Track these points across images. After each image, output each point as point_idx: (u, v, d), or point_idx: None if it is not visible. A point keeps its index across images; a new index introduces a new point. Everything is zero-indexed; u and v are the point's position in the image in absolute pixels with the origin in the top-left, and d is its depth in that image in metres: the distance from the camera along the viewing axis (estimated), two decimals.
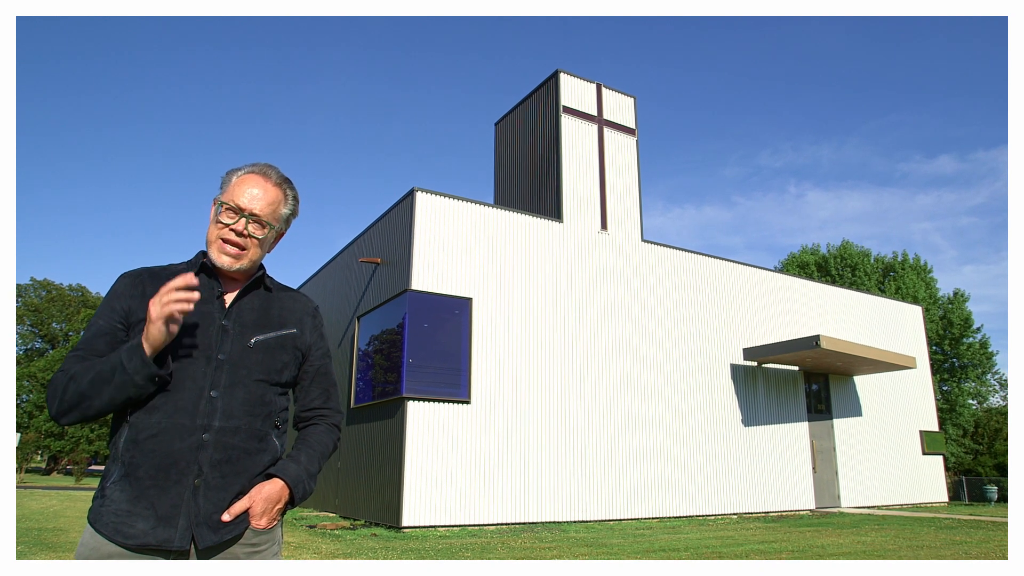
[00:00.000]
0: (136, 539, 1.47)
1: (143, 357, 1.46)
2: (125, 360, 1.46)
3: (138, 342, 1.47)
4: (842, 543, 8.10)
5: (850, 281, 33.43)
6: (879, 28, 69.95)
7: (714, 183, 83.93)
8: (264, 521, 1.60)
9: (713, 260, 13.78)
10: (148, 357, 1.47)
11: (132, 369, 1.46)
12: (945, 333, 33.55)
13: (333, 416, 1.84)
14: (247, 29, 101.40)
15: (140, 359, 1.46)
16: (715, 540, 8.42)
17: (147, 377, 1.47)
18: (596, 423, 11.20)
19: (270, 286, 1.79)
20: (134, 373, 1.46)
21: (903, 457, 15.88)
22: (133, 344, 1.48)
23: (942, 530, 9.89)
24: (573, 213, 12.03)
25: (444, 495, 9.49)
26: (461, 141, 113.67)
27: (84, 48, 75.15)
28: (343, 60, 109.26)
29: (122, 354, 1.48)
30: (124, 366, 1.46)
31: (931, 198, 65.42)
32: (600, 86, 13.23)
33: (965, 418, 32.88)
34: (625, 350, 11.91)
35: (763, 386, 13.68)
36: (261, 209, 1.70)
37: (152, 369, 1.47)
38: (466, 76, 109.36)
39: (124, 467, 1.52)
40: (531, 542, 7.96)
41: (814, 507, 13.62)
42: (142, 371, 1.46)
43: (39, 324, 40.73)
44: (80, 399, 1.48)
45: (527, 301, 11.02)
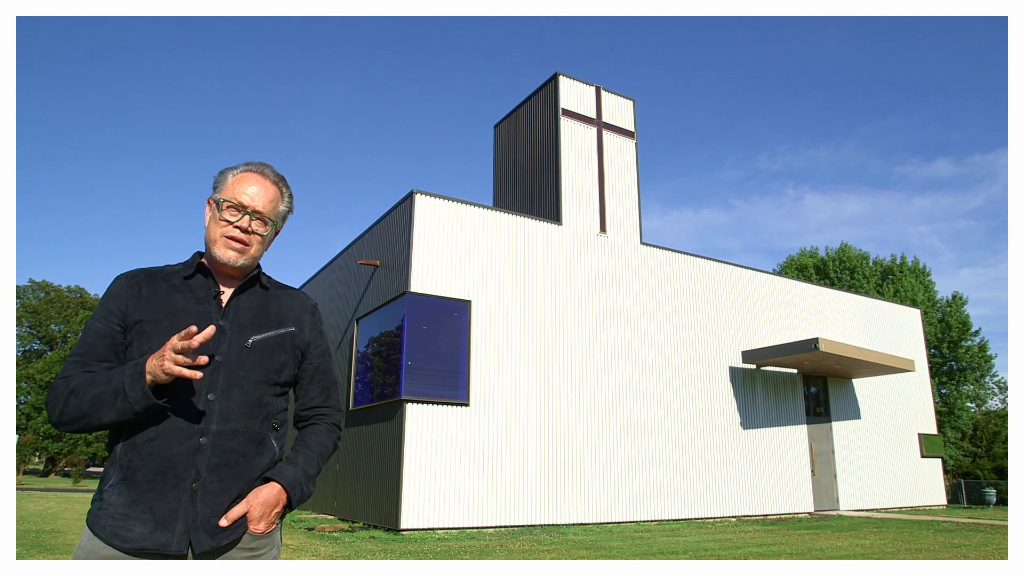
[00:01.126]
0: (134, 543, 1.47)
1: (144, 389, 1.46)
2: (127, 387, 1.47)
3: (141, 371, 1.47)
4: (841, 546, 8.10)
5: (849, 284, 33.45)
6: (876, 32, 70.13)
7: (712, 186, 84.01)
8: (262, 526, 1.59)
9: (712, 263, 13.79)
10: (149, 389, 1.47)
11: (132, 398, 1.47)
12: (944, 336, 33.58)
13: (333, 415, 1.82)
14: (246, 30, 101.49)
15: (141, 390, 1.47)
16: (713, 543, 8.41)
17: (147, 408, 1.48)
18: (595, 426, 11.19)
19: (267, 284, 1.78)
20: (134, 402, 1.47)
21: (902, 460, 15.88)
22: (136, 372, 1.48)
23: (941, 533, 9.89)
24: (572, 216, 12.04)
25: (443, 497, 9.48)
26: (460, 144, 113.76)
27: (83, 48, 75.20)
28: (342, 62, 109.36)
29: (124, 380, 1.48)
30: (126, 393, 1.47)
31: (928, 201, 65.58)
32: (599, 89, 13.24)
33: (964, 421, 32.89)
34: (624, 353, 11.91)
35: (762, 389, 13.68)
36: (263, 206, 1.71)
37: (151, 401, 1.47)
38: (466, 78, 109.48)
39: (122, 470, 1.52)
40: (530, 544, 7.95)
41: (813, 510, 13.62)
42: (142, 402, 1.47)
43: (37, 326, 40.65)
44: (81, 416, 1.51)
45: (526, 304, 11.03)
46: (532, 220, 11.57)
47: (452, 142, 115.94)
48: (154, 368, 1.46)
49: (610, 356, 11.73)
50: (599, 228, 12.32)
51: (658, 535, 9.42)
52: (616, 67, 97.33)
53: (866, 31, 70.34)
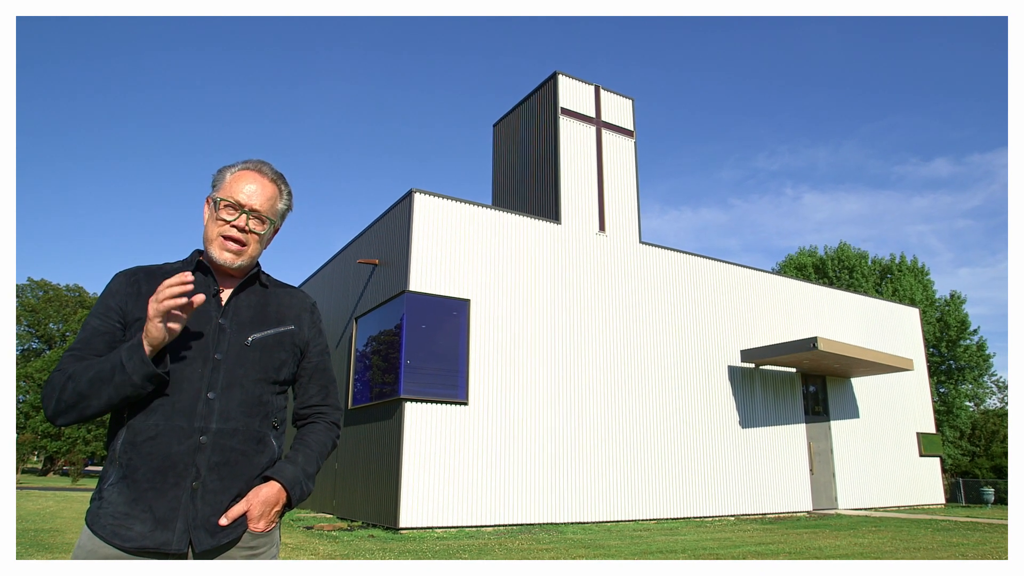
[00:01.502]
0: (134, 542, 1.47)
1: (142, 356, 1.45)
2: (124, 359, 1.45)
3: (138, 341, 1.46)
4: (839, 545, 8.11)
5: (848, 283, 33.47)
6: (874, 32, 70.12)
7: (711, 185, 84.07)
8: (262, 524, 1.59)
9: (711, 262, 13.79)
10: (147, 356, 1.46)
11: (131, 368, 1.45)
12: (942, 335, 33.61)
13: (332, 413, 1.82)
14: (244, 30, 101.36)
15: (139, 358, 1.45)
16: (712, 541, 8.42)
17: (145, 376, 1.46)
18: (593, 424, 11.20)
19: (266, 282, 1.77)
20: (132, 372, 1.45)
21: (900, 459, 15.90)
22: (133, 343, 1.47)
23: (939, 532, 9.91)
24: (571, 215, 12.04)
25: (442, 496, 9.48)
26: (459, 143, 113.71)
27: (82, 48, 75.08)
28: (341, 61, 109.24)
29: (122, 353, 1.47)
30: (123, 365, 1.45)
31: (927, 201, 65.65)
32: (599, 88, 13.24)
33: (962, 420, 32.93)
34: (622, 352, 11.92)
35: (760, 388, 13.69)
36: (261, 204, 1.70)
37: (150, 368, 1.46)
38: (465, 78, 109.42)
39: (122, 469, 1.51)
40: (528, 543, 7.96)
41: (811, 509, 13.63)
42: (140, 370, 1.45)
43: (36, 324, 40.60)
44: (78, 399, 1.47)
45: (525, 303, 11.03)
46: (531, 219, 11.57)
47: (451, 141, 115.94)
48: (147, 332, 1.45)
49: (609, 355, 11.73)
50: (598, 227, 12.33)
51: (657, 534, 9.43)
52: (615, 66, 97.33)
53: (865, 31, 70.39)
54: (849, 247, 35.40)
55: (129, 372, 1.45)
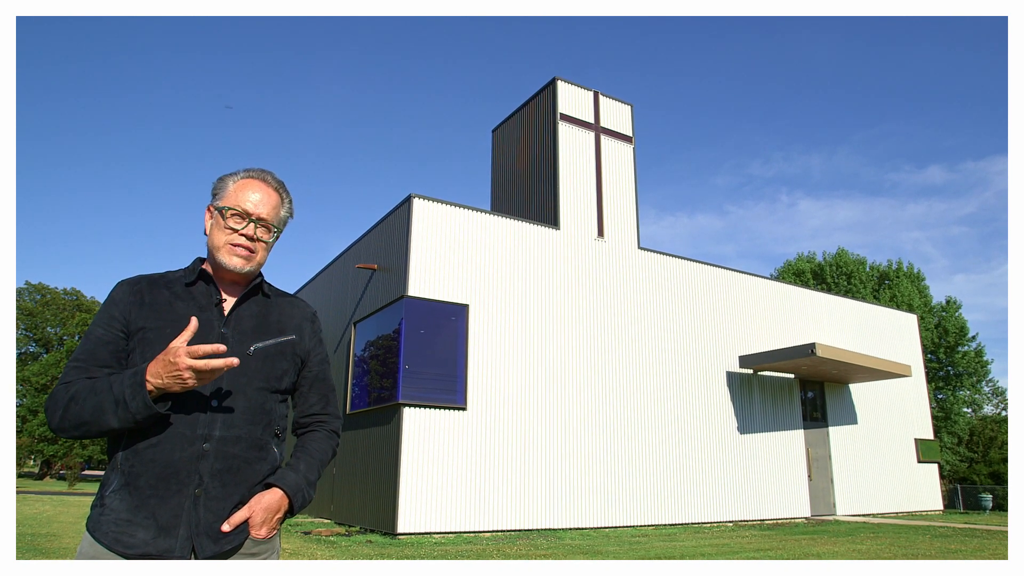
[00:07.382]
0: (136, 549, 1.47)
1: (146, 400, 1.45)
2: (129, 398, 1.46)
3: (141, 380, 1.46)
4: (837, 551, 8.11)
5: (846, 289, 33.51)
6: (869, 40, 70.37)
7: (706, 192, 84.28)
8: (264, 531, 1.60)
9: (709, 268, 13.81)
10: (151, 400, 1.46)
11: (134, 408, 1.46)
12: (940, 341, 33.63)
13: (332, 422, 1.84)
14: (243, 31, 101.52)
15: (143, 402, 1.46)
16: (710, 548, 8.42)
17: (147, 416, 1.48)
18: (592, 430, 11.20)
19: (268, 292, 1.79)
20: (135, 412, 1.46)
21: (898, 465, 15.91)
22: (137, 381, 1.47)
23: (937, 538, 9.91)
24: (570, 220, 12.06)
25: (440, 502, 9.48)
26: (458, 148, 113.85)
27: (82, 50, 75.16)
28: (339, 65, 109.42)
29: (125, 391, 1.46)
30: (127, 404, 1.46)
31: (921, 207, 65.78)
32: (597, 94, 13.28)
33: (960, 426, 32.93)
34: (621, 357, 11.92)
35: (759, 394, 13.70)
36: (267, 213, 1.72)
37: (153, 410, 1.47)
38: (464, 83, 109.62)
39: (124, 476, 1.52)
40: (527, 549, 7.95)
41: (809, 515, 13.63)
42: (143, 412, 1.46)
43: (33, 328, 40.50)
44: (80, 423, 1.50)
45: (523, 308, 11.04)
46: (530, 224, 11.59)
47: (450, 146, 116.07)
48: (157, 376, 1.46)
49: (607, 361, 11.74)
50: (597, 233, 12.35)
51: (655, 540, 9.42)
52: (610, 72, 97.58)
53: (859, 39, 70.65)
54: (847, 253, 35.43)
55: (133, 412, 1.46)
